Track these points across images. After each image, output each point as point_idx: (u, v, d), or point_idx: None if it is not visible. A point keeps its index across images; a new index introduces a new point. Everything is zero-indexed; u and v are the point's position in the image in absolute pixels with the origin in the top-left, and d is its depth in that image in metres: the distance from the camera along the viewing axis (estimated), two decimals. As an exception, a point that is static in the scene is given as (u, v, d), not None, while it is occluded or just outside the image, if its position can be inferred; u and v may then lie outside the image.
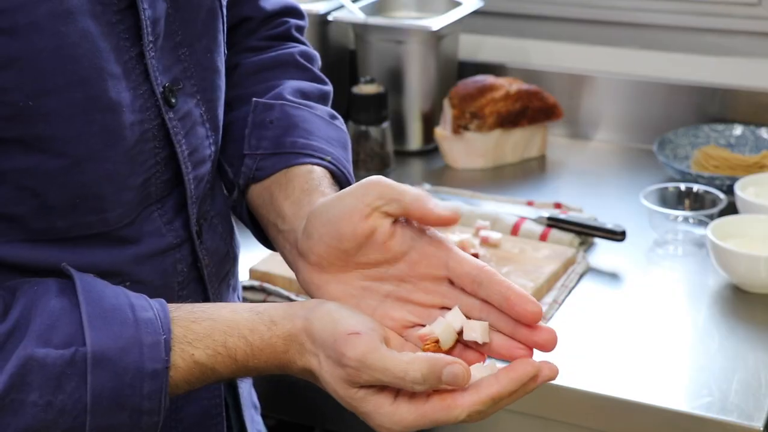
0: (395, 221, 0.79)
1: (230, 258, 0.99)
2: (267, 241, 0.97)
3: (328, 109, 1.01)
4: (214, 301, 0.95)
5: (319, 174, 0.91)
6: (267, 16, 1.07)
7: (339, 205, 0.80)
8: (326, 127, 0.97)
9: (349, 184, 0.90)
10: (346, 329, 0.75)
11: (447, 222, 0.77)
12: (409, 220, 0.80)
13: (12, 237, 0.80)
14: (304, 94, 1.00)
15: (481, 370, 0.76)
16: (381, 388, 0.75)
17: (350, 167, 0.96)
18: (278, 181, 0.92)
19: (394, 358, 0.73)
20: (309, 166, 0.92)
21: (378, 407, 0.75)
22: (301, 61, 1.05)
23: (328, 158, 0.93)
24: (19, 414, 0.73)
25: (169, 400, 0.77)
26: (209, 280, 0.94)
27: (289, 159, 0.93)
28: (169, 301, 0.82)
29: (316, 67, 1.06)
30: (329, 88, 1.05)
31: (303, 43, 1.08)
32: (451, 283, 0.79)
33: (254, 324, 0.78)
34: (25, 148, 0.77)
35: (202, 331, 0.78)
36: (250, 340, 0.78)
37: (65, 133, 0.77)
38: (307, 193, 0.88)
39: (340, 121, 1.00)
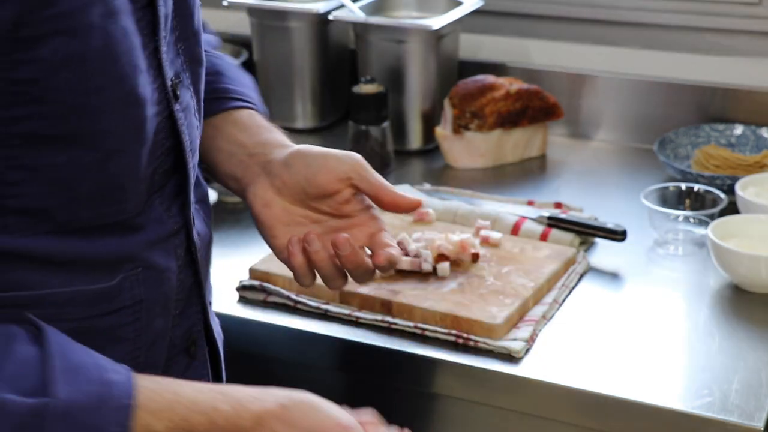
0: (355, 192, 0.98)
1: (211, 242, 1.05)
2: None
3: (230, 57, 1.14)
4: (204, 283, 1.01)
5: (255, 113, 1.07)
6: None
7: (323, 160, 0.98)
8: (241, 75, 1.11)
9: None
10: (336, 421, 0.83)
11: (415, 205, 0.98)
12: (362, 195, 0.98)
13: (38, 230, 0.82)
14: (211, 45, 1.12)
15: None
16: None
17: (264, 108, 1.11)
18: (225, 120, 1.05)
19: None
20: (244, 110, 1.06)
21: None
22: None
23: (253, 102, 1.08)
24: None
25: None
26: (201, 264, 0.99)
27: (224, 103, 1.06)
28: (171, 285, 0.90)
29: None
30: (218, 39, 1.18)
31: None
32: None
33: (216, 403, 0.81)
34: (65, 144, 0.80)
35: (165, 404, 0.79)
36: (212, 417, 0.80)
37: (103, 129, 0.81)
38: (266, 129, 1.04)
39: (242, 67, 1.16)
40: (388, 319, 1.27)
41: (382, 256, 0.96)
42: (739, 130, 1.74)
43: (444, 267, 1.32)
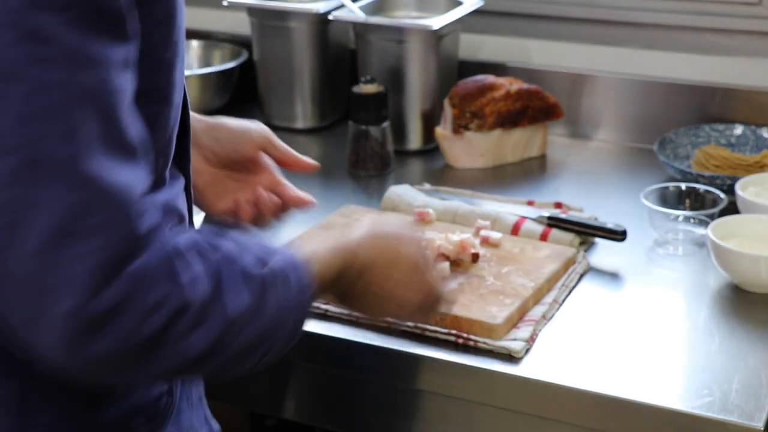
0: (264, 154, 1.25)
1: None
2: None
3: None
4: None
5: None
6: None
7: (246, 133, 1.25)
8: None
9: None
10: (415, 233, 1.10)
11: (314, 167, 1.30)
12: (269, 157, 1.27)
13: None
14: None
15: None
16: None
17: None
18: None
19: None
20: None
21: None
22: None
23: None
24: (258, 320, 0.87)
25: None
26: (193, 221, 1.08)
27: None
28: None
29: None
30: None
31: None
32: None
33: (332, 243, 1.01)
34: (149, 99, 0.86)
35: (309, 254, 0.96)
36: (335, 255, 1.00)
37: (173, 83, 0.89)
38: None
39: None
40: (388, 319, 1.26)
41: (304, 196, 1.28)
42: (739, 130, 1.74)
43: (444, 267, 1.32)
